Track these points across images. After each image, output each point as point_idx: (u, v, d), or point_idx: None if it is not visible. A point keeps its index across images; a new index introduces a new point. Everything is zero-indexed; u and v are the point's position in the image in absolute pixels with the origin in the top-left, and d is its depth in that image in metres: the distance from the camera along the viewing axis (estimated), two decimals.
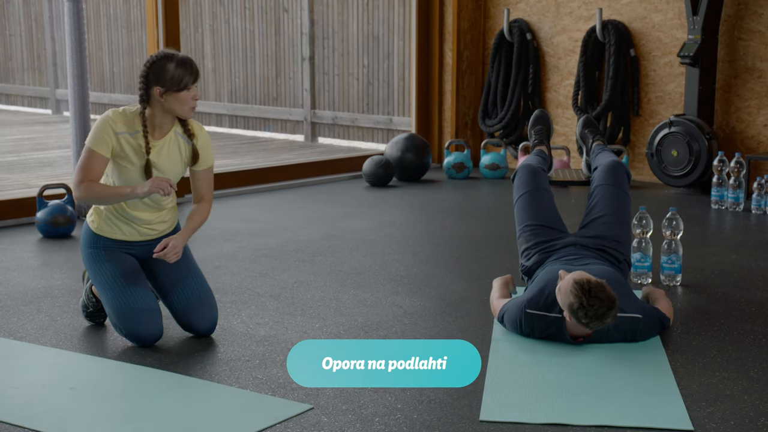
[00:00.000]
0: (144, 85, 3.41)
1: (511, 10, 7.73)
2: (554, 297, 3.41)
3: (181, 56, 3.42)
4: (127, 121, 3.44)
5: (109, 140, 3.41)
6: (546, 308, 3.43)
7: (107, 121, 3.42)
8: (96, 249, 3.56)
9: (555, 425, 2.80)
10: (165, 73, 3.37)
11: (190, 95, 3.42)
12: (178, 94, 3.40)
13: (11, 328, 3.72)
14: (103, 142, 3.41)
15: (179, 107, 3.43)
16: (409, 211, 6.28)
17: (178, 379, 3.19)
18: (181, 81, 3.38)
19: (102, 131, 3.41)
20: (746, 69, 6.70)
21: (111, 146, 3.42)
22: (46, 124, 11.17)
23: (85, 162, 3.43)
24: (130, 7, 11.19)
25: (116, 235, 3.57)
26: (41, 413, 2.89)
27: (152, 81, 3.40)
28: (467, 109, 8.04)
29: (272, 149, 9.18)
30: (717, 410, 2.90)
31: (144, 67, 3.42)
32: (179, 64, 3.39)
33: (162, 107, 3.43)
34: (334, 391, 3.04)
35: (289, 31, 9.82)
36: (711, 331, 3.66)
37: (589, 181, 4.36)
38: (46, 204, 5.37)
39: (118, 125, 3.42)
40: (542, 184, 4.15)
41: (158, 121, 3.47)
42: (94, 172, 3.43)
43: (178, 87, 3.39)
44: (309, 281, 4.41)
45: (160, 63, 3.39)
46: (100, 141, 3.41)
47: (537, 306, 3.45)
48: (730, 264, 4.72)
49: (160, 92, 3.39)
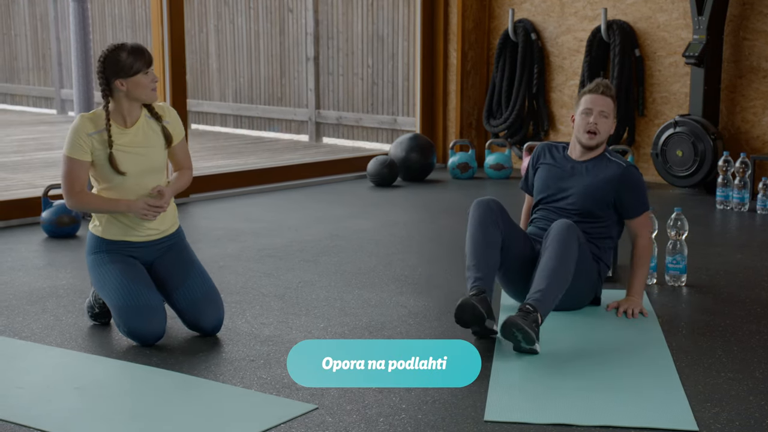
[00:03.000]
0: (103, 80, 3.53)
1: (515, 10, 7.72)
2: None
3: (131, 44, 3.54)
4: (94, 121, 3.56)
5: (84, 144, 3.53)
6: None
7: (78, 127, 3.54)
8: (100, 253, 3.61)
9: (559, 425, 2.80)
10: (119, 63, 3.49)
11: (148, 79, 3.53)
12: (136, 80, 3.50)
13: (16, 327, 3.73)
14: (79, 147, 3.53)
15: (141, 92, 3.53)
16: (413, 211, 6.28)
17: (183, 378, 3.19)
18: (134, 66, 3.49)
19: (75, 137, 3.53)
20: (751, 69, 6.69)
21: (89, 149, 3.53)
22: (51, 124, 11.18)
23: (67, 171, 3.55)
24: (135, 7, 11.20)
25: (119, 236, 3.60)
26: (46, 413, 2.89)
27: (110, 74, 3.51)
28: (472, 109, 8.04)
29: (277, 149, 9.18)
30: (722, 411, 2.89)
31: (99, 63, 3.54)
32: (131, 52, 3.51)
33: (126, 96, 3.54)
34: (338, 391, 3.04)
35: (293, 31, 9.82)
36: (716, 332, 3.66)
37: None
38: (51, 204, 5.37)
39: (88, 127, 3.54)
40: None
41: (126, 110, 3.58)
42: (80, 179, 3.55)
43: (134, 72, 3.49)
44: (313, 281, 4.41)
45: (112, 55, 3.51)
46: (75, 147, 3.53)
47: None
48: (735, 264, 4.71)
49: (120, 82, 3.50)
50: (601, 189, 3.86)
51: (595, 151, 3.94)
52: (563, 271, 3.50)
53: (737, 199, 6.06)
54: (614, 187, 3.85)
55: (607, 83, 3.90)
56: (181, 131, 3.73)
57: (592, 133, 3.86)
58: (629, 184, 3.87)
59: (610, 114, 3.87)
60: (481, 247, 3.61)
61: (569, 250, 3.53)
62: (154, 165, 3.61)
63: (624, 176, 3.86)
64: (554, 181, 3.96)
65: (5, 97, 13.23)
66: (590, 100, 3.86)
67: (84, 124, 3.54)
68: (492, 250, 3.61)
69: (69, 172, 3.55)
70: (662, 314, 3.88)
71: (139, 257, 3.64)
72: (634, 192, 3.88)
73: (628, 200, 3.87)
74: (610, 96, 3.87)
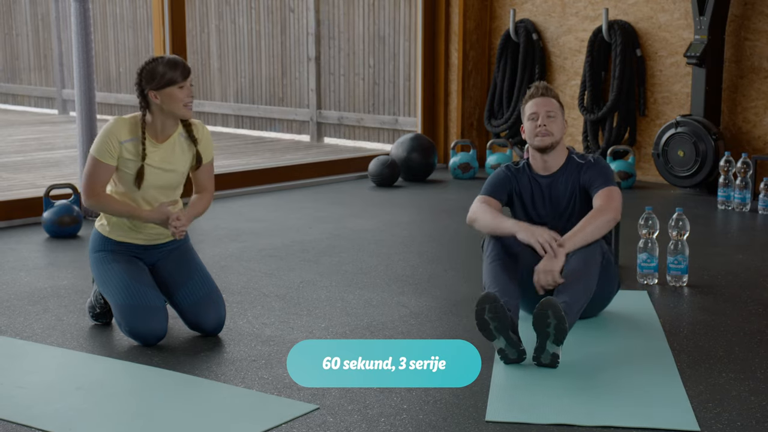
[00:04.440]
0: (140, 91, 3.51)
1: (517, 10, 7.72)
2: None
3: (169, 56, 3.53)
4: (130, 128, 3.52)
5: (113, 150, 3.50)
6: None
7: (112, 131, 3.50)
8: (104, 252, 3.61)
9: (561, 425, 2.80)
10: (155, 74, 3.47)
11: (183, 93, 3.49)
12: (170, 92, 3.47)
13: (18, 327, 3.73)
14: (107, 152, 3.50)
15: (174, 105, 3.49)
16: (414, 212, 6.28)
17: (184, 378, 3.19)
18: (166, 76, 3.46)
19: (106, 141, 3.50)
20: (753, 69, 6.69)
21: (116, 155, 3.51)
22: (52, 124, 11.18)
23: (91, 171, 3.52)
24: (137, 7, 11.20)
25: (126, 237, 3.61)
26: (48, 413, 2.89)
27: (145, 84, 3.49)
28: (473, 110, 8.04)
29: (278, 149, 9.18)
30: (724, 411, 2.89)
31: (136, 75, 3.53)
32: (167, 63, 3.49)
33: (161, 110, 3.50)
34: (339, 391, 3.04)
35: (295, 31, 9.83)
36: (717, 332, 3.66)
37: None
38: (53, 204, 5.37)
39: (122, 134, 3.51)
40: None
41: (160, 125, 3.54)
42: (101, 181, 3.52)
43: (167, 83, 3.47)
44: (315, 281, 4.41)
45: (149, 66, 3.50)
46: (104, 151, 3.50)
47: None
48: (737, 264, 4.71)
49: (154, 94, 3.47)
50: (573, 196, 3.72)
51: (557, 156, 3.74)
52: (588, 283, 3.45)
53: (738, 199, 6.06)
54: (579, 179, 3.72)
55: (545, 85, 3.76)
56: (211, 154, 3.70)
57: (543, 135, 3.67)
58: (590, 164, 3.72)
59: (558, 114, 3.69)
60: (503, 277, 3.47)
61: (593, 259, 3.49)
62: (173, 183, 3.62)
63: (587, 163, 3.73)
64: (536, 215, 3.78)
65: (7, 97, 13.23)
66: (533, 104, 3.71)
67: (119, 129, 3.50)
68: (513, 281, 3.48)
69: (92, 173, 3.52)
70: (663, 314, 3.88)
71: (143, 258, 3.65)
72: (595, 168, 3.70)
73: (589, 176, 3.70)
74: (551, 96, 3.72)
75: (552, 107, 3.70)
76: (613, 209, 3.60)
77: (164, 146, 3.55)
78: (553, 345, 3.21)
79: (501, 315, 3.21)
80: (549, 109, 3.69)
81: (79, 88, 5.68)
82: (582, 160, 3.76)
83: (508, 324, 3.22)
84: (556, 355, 3.22)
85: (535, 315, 3.20)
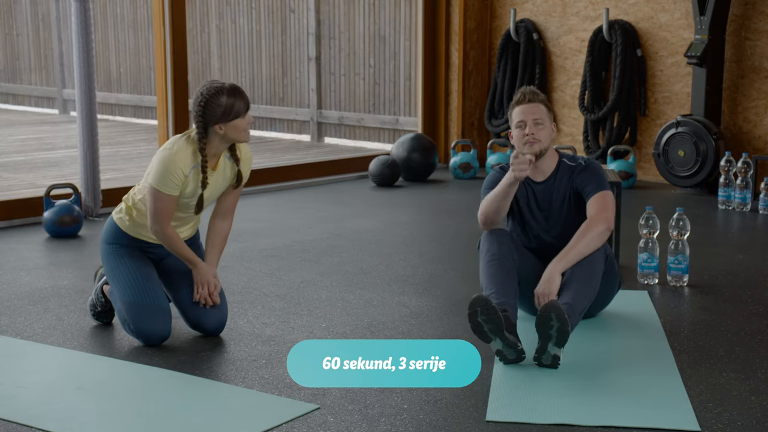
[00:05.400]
0: (202, 124, 3.45)
1: (517, 10, 7.72)
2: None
3: (228, 86, 3.47)
4: (192, 158, 3.49)
5: (177, 181, 3.46)
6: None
7: (175, 163, 3.44)
8: (117, 245, 3.62)
9: (561, 425, 2.80)
10: (219, 108, 3.42)
11: (246, 122, 3.48)
12: (235, 124, 3.45)
13: (18, 327, 3.73)
14: (172, 184, 3.46)
15: (237, 135, 3.49)
16: (415, 211, 6.28)
17: (185, 378, 3.19)
18: (234, 109, 3.43)
19: (172, 174, 3.44)
20: (753, 69, 6.69)
21: (180, 185, 3.48)
22: (53, 124, 11.18)
23: (157, 206, 3.47)
24: (137, 7, 11.20)
25: (140, 236, 3.64)
26: (48, 413, 2.89)
27: (210, 119, 3.44)
28: (473, 109, 8.03)
29: (278, 149, 9.18)
30: (724, 411, 2.89)
31: (198, 107, 3.45)
32: (230, 95, 3.44)
33: (222, 138, 3.48)
34: (340, 391, 3.04)
35: (295, 31, 9.82)
36: (718, 332, 3.66)
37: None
38: (53, 204, 5.37)
39: (186, 165, 3.47)
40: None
41: (215, 151, 3.53)
42: (169, 213, 3.50)
43: (235, 117, 3.44)
44: (315, 281, 4.41)
45: (213, 100, 3.43)
46: (169, 184, 3.45)
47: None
48: (737, 264, 4.71)
49: (219, 127, 3.44)
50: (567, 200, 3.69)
51: (547, 161, 3.70)
52: (591, 285, 3.44)
53: (739, 199, 6.06)
54: (572, 182, 3.68)
55: (532, 89, 3.67)
56: (248, 175, 3.68)
57: (531, 143, 3.60)
58: (582, 167, 3.68)
59: (545, 120, 3.62)
60: (499, 277, 3.47)
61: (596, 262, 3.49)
62: (207, 204, 3.63)
63: (578, 166, 3.69)
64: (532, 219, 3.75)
65: (7, 97, 13.23)
66: (520, 111, 3.63)
67: (182, 160, 3.46)
68: (511, 280, 3.48)
69: (159, 207, 3.46)
70: (664, 314, 3.88)
71: (151, 253, 3.69)
72: (587, 171, 3.67)
73: (582, 179, 3.65)
74: (539, 101, 3.63)
75: (539, 114, 3.62)
76: (603, 219, 3.55)
77: (217, 172, 3.56)
78: (554, 347, 3.21)
79: (494, 316, 3.21)
80: (536, 116, 3.61)
81: (79, 88, 5.68)
82: (573, 162, 3.72)
83: (502, 325, 3.21)
84: (557, 356, 3.22)
85: (538, 317, 3.20)
